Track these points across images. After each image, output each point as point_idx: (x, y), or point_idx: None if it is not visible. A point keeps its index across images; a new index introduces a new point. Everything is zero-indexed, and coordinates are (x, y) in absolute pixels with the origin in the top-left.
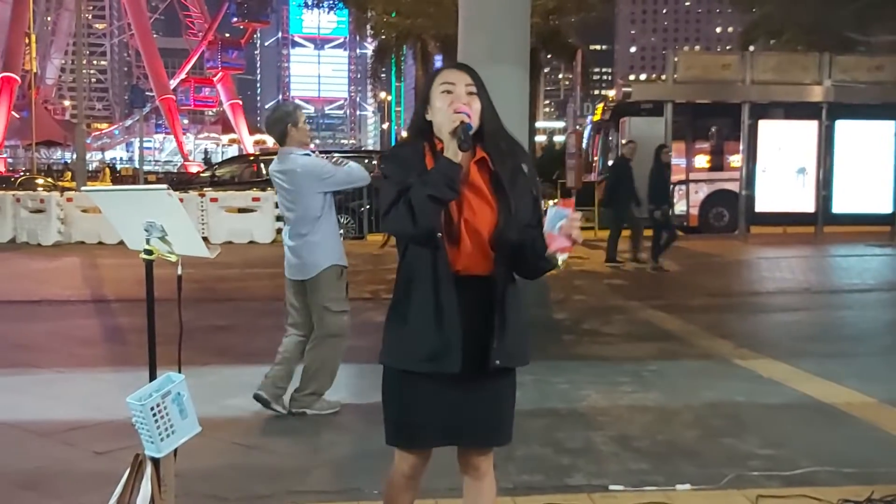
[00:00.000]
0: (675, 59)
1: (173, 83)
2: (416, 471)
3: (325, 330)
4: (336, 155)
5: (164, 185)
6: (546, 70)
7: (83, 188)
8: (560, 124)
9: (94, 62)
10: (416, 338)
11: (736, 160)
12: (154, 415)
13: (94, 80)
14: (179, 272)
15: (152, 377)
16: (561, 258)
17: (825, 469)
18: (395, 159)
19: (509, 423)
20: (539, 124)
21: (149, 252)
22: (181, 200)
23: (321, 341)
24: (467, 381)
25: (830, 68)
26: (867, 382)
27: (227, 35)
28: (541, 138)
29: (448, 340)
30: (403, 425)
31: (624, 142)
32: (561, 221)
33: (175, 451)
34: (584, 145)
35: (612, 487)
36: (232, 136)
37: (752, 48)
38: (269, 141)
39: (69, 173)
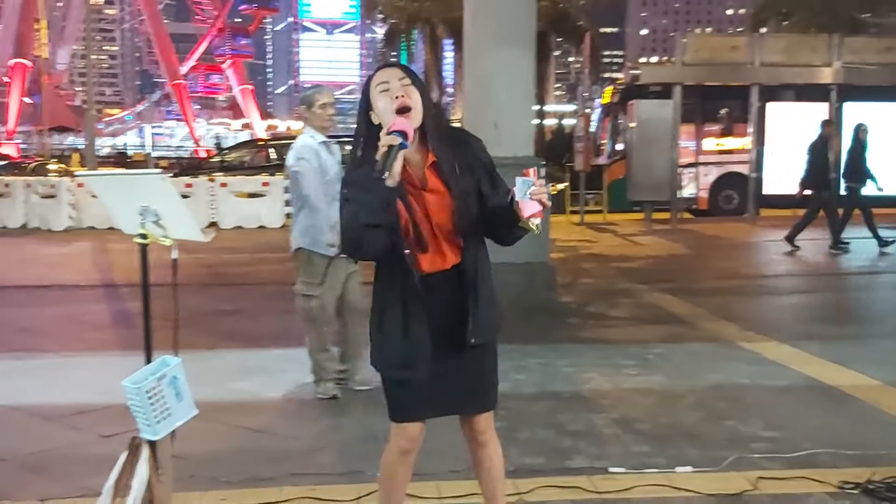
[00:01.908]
0: (684, 42)
1: (183, 69)
2: (412, 445)
3: (299, 313)
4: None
5: (158, 170)
6: (556, 53)
7: (77, 173)
8: (571, 108)
9: (105, 48)
10: (388, 347)
11: (745, 143)
12: (149, 398)
13: (104, 65)
14: (174, 256)
15: (148, 360)
16: (534, 223)
17: (826, 451)
18: (354, 183)
19: (495, 387)
20: (549, 108)
21: (143, 236)
22: (189, 186)
23: (303, 325)
24: (452, 358)
25: (840, 50)
26: (872, 365)
27: (238, 20)
28: (551, 122)
29: (416, 351)
30: (399, 400)
31: (824, 120)
32: (529, 189)
33: (173, 433)
34: (593, 128)
35: (612, 470)
36: (244, 121)
37: (764, 30)
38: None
39: (74, 156)
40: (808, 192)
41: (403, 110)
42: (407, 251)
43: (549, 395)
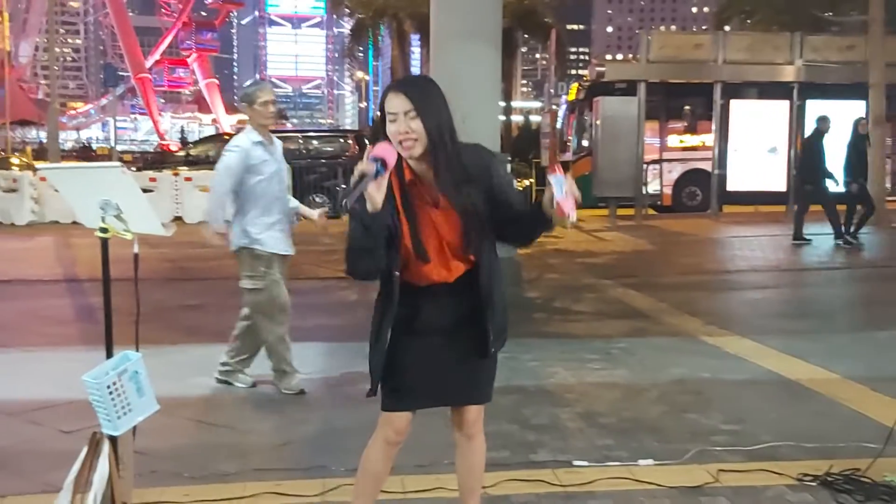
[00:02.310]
0: (649, 39)
1: (147, 63)
2: (397, 437)
3: (251, 309)
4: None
5: (119, 163)
6: (523, 50)
7: (38, 166)
8: (537, 104)
9: (69, 41)
10: (379, 358)
11: (708, 140)
12: (110, 393)
13: (68, 58)
14: (135, 250)
15: (109, 355)
16: (571, 219)
17: (786, 444)
18: (362, 197)
19: (490, 383)
20: (516, 104)
21: (104, 230)
22: (154, 180)
23: (257, 320)
24: (452, 354)
25: (802, 48)
26: (831, 359)
27: (203, 14)
28: (517, 118)
29: (376, 365)
30: (393, 389)
31: (819, 117)
32: (564, 186)
33: (134, 429)
34: (558, 125)
35: (576, 463)
36: (211, 115)
37: (727, 28)
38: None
39: (27, 150)
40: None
41: (405, 144)
42: (396, 273)
43: (514, 389)
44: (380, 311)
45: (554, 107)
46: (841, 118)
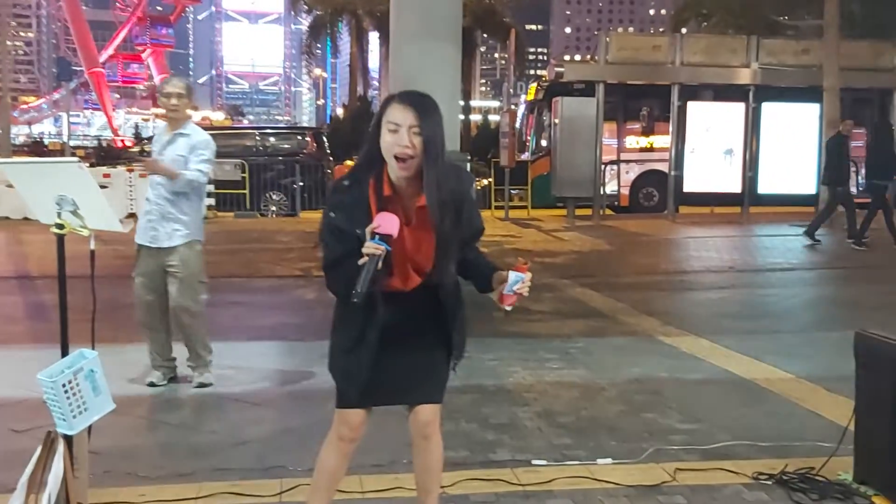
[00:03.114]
0: (607, 40)
1: (101, 58)
2: (352, 433)
3: None
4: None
5: (76, 158)
6: (482, 49)
7: None
8: (496, 103)
9: (21, 34)
10: (336, 357)
11: (665, 141)
12: (66, 391)
13: (20, 52)
14: (92, 247)
15: (64, 354)
16: (507, 308)
17: (742, 443)
18: (342, 207)
19: (444, 382)
20: (475, 103)
21: (60, 226)
22: (108, 176)
23: None
24: (404, 353)
25: (758, 51)
26: (786, 359)
27: (159, 9)
28: (476, 117)
29: (359, 369)
30: (348, 386)
31: (843, 120)
32: (517, 285)
33: (89, 428)
34: (517, 125)
35: (535, 462)
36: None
37: (684, 30)
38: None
39: None
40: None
41: (402, 158)
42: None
43: (473, 388)
44: (357, 318)
45: (513, 107)
46: (796, 121)
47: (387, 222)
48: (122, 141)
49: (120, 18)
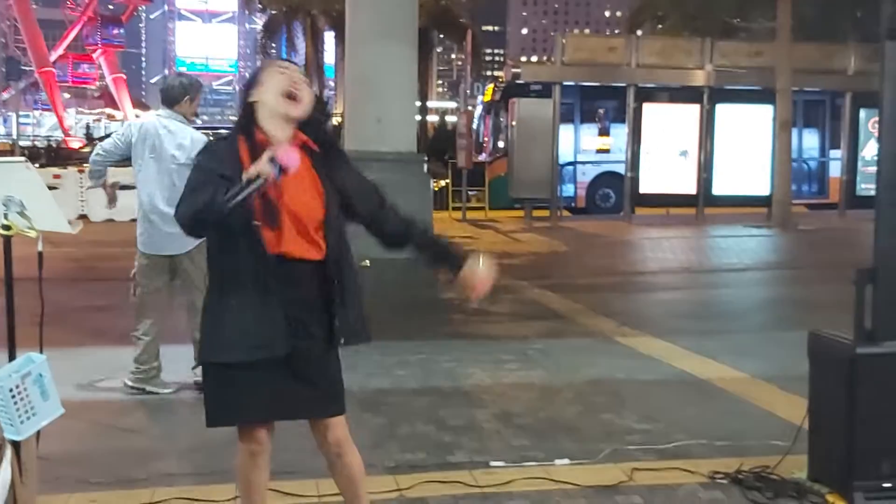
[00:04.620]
0: (564, 42)
1: (51, 58)
2: (259, 446)
3: None
4: None
5: (23, 158)
6: (439, 50)
7: None
8: (453, 104)
9: None
10: (240, 329)
11: (622, 142)
12: (13, 396)
13: None
14: (40, 248)
15: (12, 358)
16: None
17: (698, 442)
18: (210, 153)
19: (342, 392)
20: (431, 104)
21: (6, 227)
22: (58, 177)
23: None
24: (295, 360)
25: (712, 53)
26: (740, 358)
27: (110, 8)
28: (433, 118)
29: (273, 327)
30: (227, 405)
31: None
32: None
33: (38, 433)
34: (475, 126)
35: (493, 464)
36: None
37: (639, 32)
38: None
39: None
40: None
41: (292, 96)
42: (256, 222)
43: (430, 390)
44: (225, 278)
45: (470, 107)
46: (750, 123)
47: (286, 154)
48: (71, 142)
49: (70, 18)
